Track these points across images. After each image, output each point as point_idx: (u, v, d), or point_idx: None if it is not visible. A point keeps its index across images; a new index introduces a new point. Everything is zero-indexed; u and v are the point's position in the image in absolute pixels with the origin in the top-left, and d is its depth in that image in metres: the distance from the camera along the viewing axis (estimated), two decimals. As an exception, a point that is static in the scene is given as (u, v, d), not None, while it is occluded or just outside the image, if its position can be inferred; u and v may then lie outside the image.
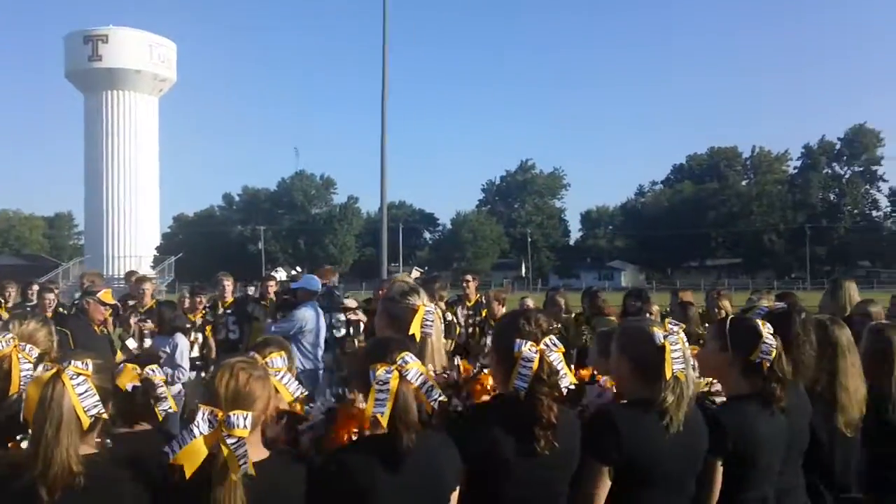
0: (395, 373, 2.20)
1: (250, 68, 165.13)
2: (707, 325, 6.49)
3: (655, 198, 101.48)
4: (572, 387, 2.52)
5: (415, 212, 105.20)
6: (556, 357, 2.44)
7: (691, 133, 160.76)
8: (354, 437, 2.29)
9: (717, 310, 7.05)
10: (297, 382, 2.85)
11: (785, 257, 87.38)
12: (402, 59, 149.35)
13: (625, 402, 2.69)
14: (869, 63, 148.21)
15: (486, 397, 2.61)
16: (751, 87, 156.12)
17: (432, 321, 2.91)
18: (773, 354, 2.83)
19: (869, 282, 62.26)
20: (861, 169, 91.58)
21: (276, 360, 2.77)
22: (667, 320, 2.74)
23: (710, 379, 3.08)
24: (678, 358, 2.56)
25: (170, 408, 2.75)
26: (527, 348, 2.39)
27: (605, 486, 2.48)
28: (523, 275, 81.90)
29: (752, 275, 78.57)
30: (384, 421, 2.14)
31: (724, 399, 3.00)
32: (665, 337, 2.58)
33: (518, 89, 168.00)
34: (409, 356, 2.26)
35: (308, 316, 7.76)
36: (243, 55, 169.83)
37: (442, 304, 7.90)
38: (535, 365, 2.38)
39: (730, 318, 3.05)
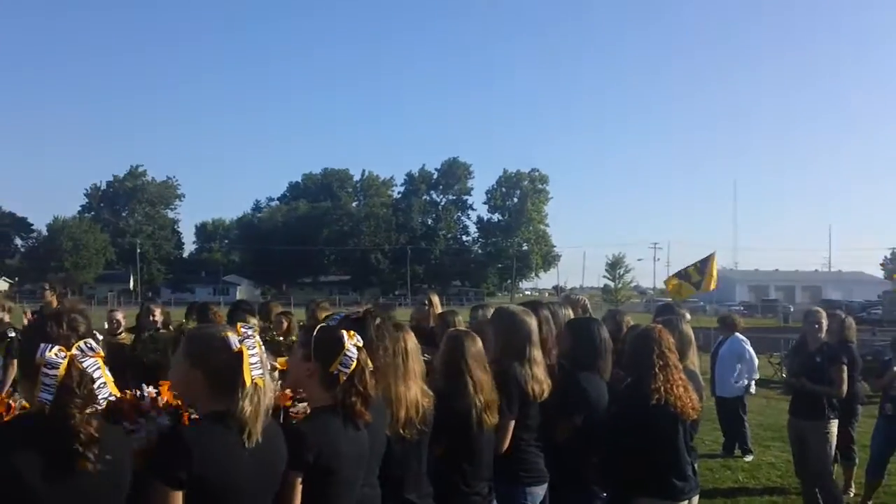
0: None
1: None
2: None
3: (272, 213, 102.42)
4: (112, 398, 2.14)
5: (3, 214, 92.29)
6: (92, 363, 2.06)
7: (307, 152, 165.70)
8: None
9: (314, 322, 7.07)
10: None
11: (389, 275, 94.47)
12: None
13: (197, 417, 2.39)
14: (464, 103, 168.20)
15: None
16: (364, 113, 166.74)
17: None
18: (353, 367, 2.73)
19: (459, 299, 70.04)
20: (454, 198, 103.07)
21: None
22: (238, 323, 2.48)
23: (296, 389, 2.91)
24: (256, 363, 2.34)
25: None
26: (52, 353, 1.99)
27: None
28: (132, 287, 76.21)
29: (361, 291, 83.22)
30: None
31: (306, 410, 2.85)
32: (241, 341, 2.34)
33: (130, 93, 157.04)
34: None
35: None
36: None
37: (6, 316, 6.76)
38: (62, 372, 1.98)
39: (318, 326, 2.89)
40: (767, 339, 21.95)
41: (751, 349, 9.79)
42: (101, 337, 5.38)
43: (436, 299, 6.80)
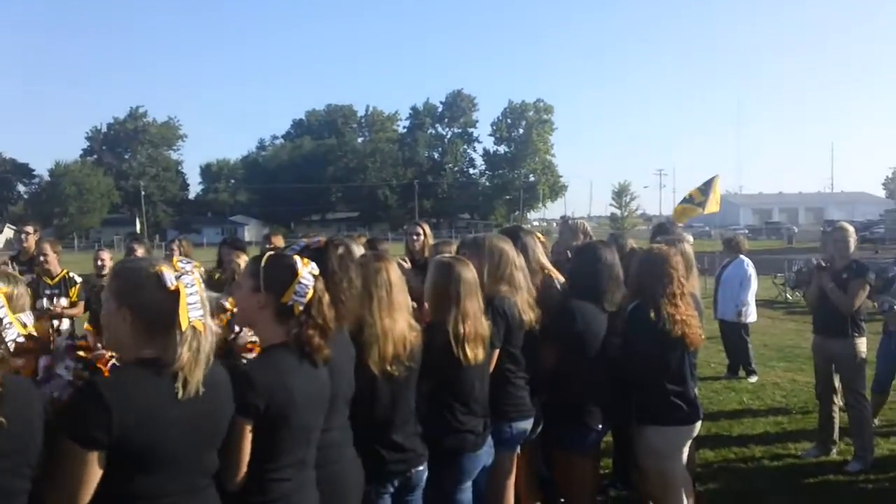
0: None
1: None
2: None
3: (276, 152, 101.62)
4: (21, 339, 1.92)
5: (4, 161, 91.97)
6: None
7: (310, 88, 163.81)
8: None
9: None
10: None
11: (397, 210, 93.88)
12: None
13: (122, 365, 2.10)
14: (467, 34, 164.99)
15: None
16: (367, 47, 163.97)
17: None
18: (310, 296, 2.46)
19: (469, 232, 69.54)
20: (460, 130, 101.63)
21: None
22: (175, 258, 2.20)
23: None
24: (195, 304, 2.05)
25: None
26: None
27: (94, 476, 1.91)
28: (138, 230, 76.27)
29: (370, 227, 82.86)
30: None
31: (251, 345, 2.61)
32: (178, 278, 2.04)
33: (128, 33, 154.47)
34: None
35: None
36: None
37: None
38: None
39: (267, 254, 2.56)
40: (772, 260, 21.78)
41: (753, 272, 9.55)
42: (78, 279, 5.16)
43: (427, 229, 6.55)
